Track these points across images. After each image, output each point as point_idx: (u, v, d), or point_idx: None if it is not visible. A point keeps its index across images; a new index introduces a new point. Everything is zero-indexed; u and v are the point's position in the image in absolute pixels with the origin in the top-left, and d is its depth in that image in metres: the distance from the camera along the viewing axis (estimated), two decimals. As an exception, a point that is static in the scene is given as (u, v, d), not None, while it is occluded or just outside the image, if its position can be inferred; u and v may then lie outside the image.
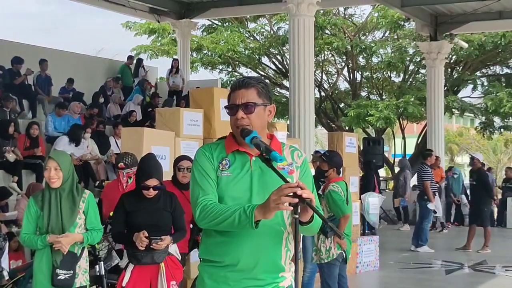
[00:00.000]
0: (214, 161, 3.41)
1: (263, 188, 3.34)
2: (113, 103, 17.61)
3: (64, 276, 5.44)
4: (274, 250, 3.36)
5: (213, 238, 3.37)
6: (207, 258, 3.40)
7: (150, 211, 5.93)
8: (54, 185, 5.49)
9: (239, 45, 26.44)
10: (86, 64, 19.49)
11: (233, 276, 3.32)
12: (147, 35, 26.85)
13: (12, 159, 12.13)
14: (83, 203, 5.58)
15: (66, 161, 5.50)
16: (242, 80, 3.48)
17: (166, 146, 8.08)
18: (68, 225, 5.48)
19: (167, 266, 6.04)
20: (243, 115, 3.36)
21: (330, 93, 28.33)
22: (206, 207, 3.27)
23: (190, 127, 8.57)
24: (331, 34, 26.02)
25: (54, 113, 14.42)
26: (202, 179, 3.37)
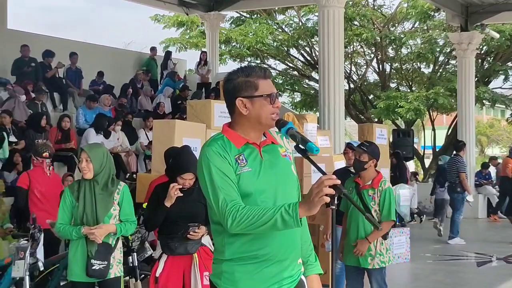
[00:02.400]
0: (231, 159, 3.28)
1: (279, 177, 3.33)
2: (144, 95, 17.71)
3: (98, 266, 5.49)
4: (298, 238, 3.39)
5: (242, 236, 3.27)
6: (237, 257, 3.30)
7: (185, 202, 5.94)
8: (86, 176, 5.56)
9: (268, 37, 26.42)
10: (115, 57, 19.62)
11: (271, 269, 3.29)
12: (176, 28, 26.97)
13: (44, 152, 12.24)
14: (118, 195, 5.63)
15: (98, 153, 5.54)
16: (267, 69, 3.46)
17: (197, 138, 8.09)
18: (102, 216, 5.53)
19: (200, 257, 6.06)
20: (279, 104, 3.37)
21: (359, 85, 28.22)
22: (239, 213, 3.14)
23: (221, 119, 8.56)
24: (360, 25, 25.88)
25: (85, 106, 14.53)
26: (224, 183, 3.22)
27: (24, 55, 15.12)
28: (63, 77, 16.12)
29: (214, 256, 3.45)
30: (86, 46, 18.60)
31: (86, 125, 13.93)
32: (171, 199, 5.84)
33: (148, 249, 6.85)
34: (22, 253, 5.59)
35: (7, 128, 11.98)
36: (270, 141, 3.42)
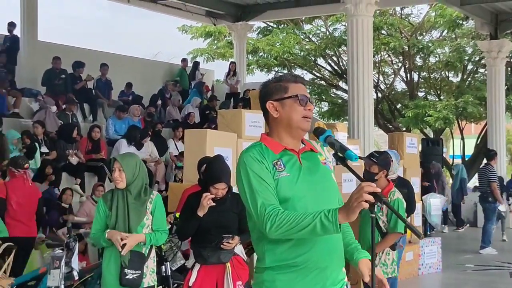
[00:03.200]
0: (268, 164, 3.28)
1: (317, 184, 3.33)
2: (172, 106, 17.80)
3: (132, 276, 5.49)
4: (341, 246, 3.38)
5: (283, 243, 3.26)
6: (280, 265, 3.28)
7: (218, 211, 5.94)
8: (119, 186, 5.57)
9: (295, 47, 26.44)
10: (143, 68, 19.76)
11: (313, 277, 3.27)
12: (203, 38, 27.07)
13: (75, 162, 12.36)
14: (150, 204, 5.63)
15: (131, 162, 5.53)
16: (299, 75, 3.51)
17: (228, 147, 8.11)
18: (134, 225, 5.53)
19: (233, 266, 6.05)
20: (313, 108, 3.37)
21: (386, 94, 28.11)
22: (278, 217, 3.13)
23: (251, 128, 8.59)
24: (388, 34, 25.80)
25: (115, 116, 14.63)
26: (262, 188, 3.22)
27: (55, 67, 15.27)
28: (93, 88, 16.25)
29: (256, 265, 3.44)
30: (115, 57, 18.75)
31: (115, 136, 14.03)
32: (203, 208, 5.84)
33: (181, 258, 6.86)
34: (58, 262, 5.62)
35: (39, 138, 12.10)
36: (309, 148, 3.42)
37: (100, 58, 17.31)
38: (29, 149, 11.63)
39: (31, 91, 15.03)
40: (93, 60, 16.57)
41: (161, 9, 19.91)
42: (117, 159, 5.56)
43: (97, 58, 17.09)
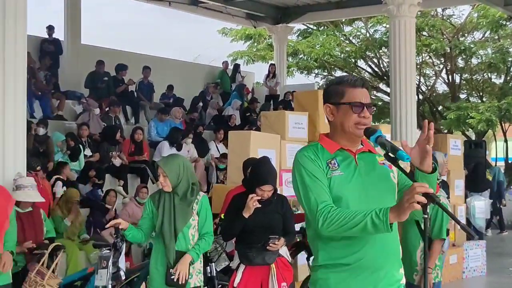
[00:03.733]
0: (322, 162, 3.32)
1: (373, 184, 3.32)
2: (211, 108, 17.88)
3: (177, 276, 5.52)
4: (397, 247, 3.37)
5: (336, 242, 3.28)
6: (332, 263, 3.31)
7: (263, 213, 5.96)
8: (165, 189, 5.59)
9: (335, 49, 26.35)
10: (185, 71, 19.87)
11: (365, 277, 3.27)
12: (243, 41, 27.14)
13: (118, 164, 12.47)
14: (196, 205, 5.63)
15: (174, 166, 5.52)
16: (361, 79, 3.48)
17: (271, 149, 8.13)
18: (181, 226, 5.55)
19: (277, 267, 6.07)
20: (368, 114, 3.34)
21: (428, 96, 27.85)
22: (330, 214, 3.17)
23: (295, 130, 8.61)
24: (429, 35, 25.56)
25: (157, 119, 14.74)
26: (314, 184, 3.27)
27: (98, 70, 15.46)
28: (135, 91, 16.40)
29: (312, 264, 3.48)
30: (156, 60, 18.89)
31: (158, 138, 14.13)
32: (249, 210, 5.86)
33: (226, 259, 6.89)
34: (105, 262, 5.68)
35: (83, 141, 12.25)
36: (367, 149, 3.41)
37: (142, 61, 17.47)
38: (74, 151, 11.79)
39: (74, 94, 15.23)
40: (135, 63, 16.73)
41: (201, 12, 20.00)
42: (160, 165, 5.58)
43: (139, 61, 17.25)
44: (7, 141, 6.80)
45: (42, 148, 11.48)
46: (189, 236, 5.59)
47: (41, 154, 11.36)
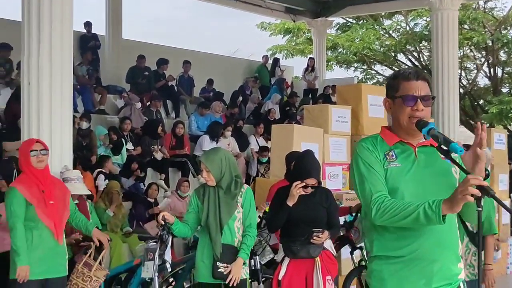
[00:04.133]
0: (379, 153, 3.36)
1: (432, 178, 3.31)
2: (251, 102, 17.92)
3: (224, 269, 5.55)
4: (454, 240, 3.34)
5: (390, 233, 3.30)
6: (385, 255, 3.33)
7: (307, 205, 5.98)
8: (209, 184, 5.64)
9: (375, 43, 26.21)
10: (224, 65, 19.92)
11: (419, 270, 3.26)
12: (282, 35, 27.12)
13: (159, 158, 12.55)
14: (241, 197, 5.67)
15: (216, 161, 5.55)
16: (417, 71, 3.45)
17: (315, 142, 8.13)
18: (225, 219, 5.58)
19: (322, 260, 6.06)
20: (423, 107, 3.33)
21: (469, 90, 27.55)
22: (383, 204, 3.20)
23: (338, 124, 8.60)
24: (471, 29, 25.27)
25: (197, 113, 14.82)
26: (370, 174, 3.31)
27: (139, 65, 15.58)
28: (175, 85, 16.50)
29: (368, 255, 3.51)
30: (196, 54, 18.98)
31: (198, 132, 14.20)
32: (293, 197, 5.88)
33: (270, 252, 6.91)
34: (151, 254, 5.73)
35: (125, 134, 12.36)
36: (430, 143, 3.38)
37: (182, 55, 17.58)
38: (116, 145, 11.90)
39: (116, 88, 15.38)
40: (175, 57, 16.84)
41: (240, 6, 20.02)
42: (202, 161, 5.62)
43: (179, 56, 17.36)
44: (54, 135, 6.90)
45: (85, 141, 11.60)
46: (235, 228, 5.63)
47: (84, 148, 11.50)
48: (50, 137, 6.78)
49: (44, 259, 5.63)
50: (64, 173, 6.80)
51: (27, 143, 5.91)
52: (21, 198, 5.57)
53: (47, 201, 5.63)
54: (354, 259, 7.29)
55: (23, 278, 5.49)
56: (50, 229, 5.64)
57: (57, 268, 5.76)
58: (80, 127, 11.58)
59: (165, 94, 15.76)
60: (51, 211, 5.64)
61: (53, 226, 5.64)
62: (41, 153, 5.73)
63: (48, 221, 5.62)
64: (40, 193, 5.63)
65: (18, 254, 5.51)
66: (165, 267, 5.83)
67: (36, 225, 5.60)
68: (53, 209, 5.66)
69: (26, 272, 5.50)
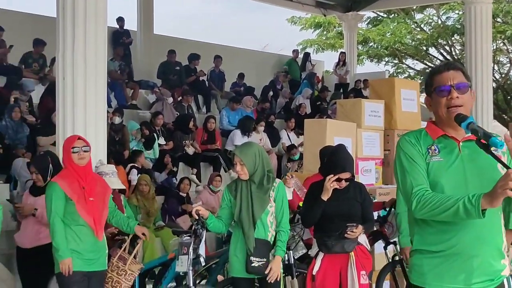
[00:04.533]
0: (421, 147, 3.37)
1: (476, 173, 3.29)
2: (282, 97, 17.90)
3: (257, 263, 5.55)
4: (496, 236, 3.30)
5: (431, 227, 3.30)
6: (425, 249, 3.34)
7: (341, 200, 5.97)
8: (242, 178, 5.65)
9: (406, 37, 26.05)
10: (254, 60, 19.94)
11: (458, 265, 3.25)
12: (313, 29, 27.05)
13: (191, 152, 12.62)
14: (273, 192, 5.67)
15: (250, 154, 5.57)
16: (449, 63, 3.48)
17: (348, 137, 8.10)
18: (258, 213, 5.59)
19: (357, 255, 6.04)
20: (457, 95, 3.32)
21: (502, 84, 27.26)
22: (423, 197, 3.21)
23: (371, 118, 8.56)
24: (503, 22, 25.00)
25: (228, 108, 14.85)
26: (411, 168, 3.32)
27: (170, 60, 15.65)
28: (206, 80, 16.55)
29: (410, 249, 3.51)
30: (226, 49, 18.99)
31: (229, 126, 14.24)
32: (327, 192, 5.87)
33: (303, 247, 6.90)
34: (186, 248, 5.76)
35: (157, 129, 12.43)
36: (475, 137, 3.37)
37: (212, 50, 17.62)
38: (148, 140, 11.97)
39: (147, 83, 15.47)
40: (206, 52, 16.87)
41: (271, 0, 20.02)
42: (236, 154, 5.63)
43: (210, 50, 17.40)
44: (88, 129, 6.96)
45: (117, 136, 11.69)
46: (268, 223, 5.65)
47: (116, 143, 11.59)
48: (85, 132, 6.84)
49: (85, 253, 5.70)
50: (99, 167, 6.86)
51: (69, 140, 5.98)
52: (61, 193, 5.64)
53: (87, 198, 5.69)
54: (387, 254, 7.25)
55: (67, 270, 5.58)
56: (90, 225, 5.70)
57: (99, 261, 5.83)
58: (113, 122, 11.66)
59: (196, 89, 15.84)
60: (91, 207, 5.70)
61: (93, 223, 5.70)
62: (82, 149, 5.79)
63: (88, 217, 5.68)
64: (80, 189, 5.69)
65: (58, 249, 5.59)
66: (199, 261, 5.86)
67: (76, 221, 5.67)
68: (93, 206, 5.72)
69: (68, 265, 5.58)
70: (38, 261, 6.40)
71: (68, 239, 5.64)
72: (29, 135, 10.87)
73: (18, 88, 11.92)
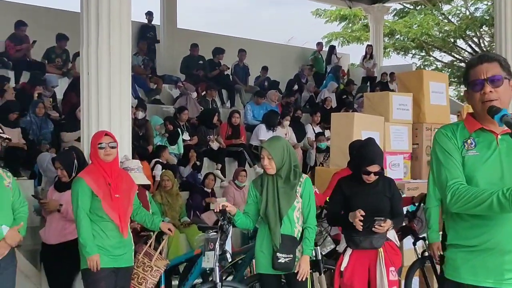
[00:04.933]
0: (457, 141, 3.36)
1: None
2: (307, 91, 17.85)
3: (284, 259, 5.55)
4: None
5: (465, 221, 3.31)
6: (460, 243, 3.34)
7: (369, 195, 5.94)
8: (269, 172, 5.64)
9: (433, 28, 25.90)
10: (278, 53, 19.92)
11: (491, 260, 3.24)
12: (338, 22, 26.98)
13: (215, 147, 12.61)
14: (300, 187, 5.66)
15: (279, 148, 5.58)
16: (483, 55, 3.44)
17: (375, 131, 8.07)
18: (285, 209, 5.59)
19: (385, 251, 6.02)
20: (490, 89, 3.29)
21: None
22: (458, 191, 3.21)
23: (399, 112, 8.51)
24: (534, 12, 24.73)
25: (253, 102, 14.83)
26: (447, 161, 3.33)
27: (193, 54, 15.67)
28: (230, 74, 16.55)
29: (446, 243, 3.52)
30: (249, 43, 18.97)
31: (254, 121, 14.22)
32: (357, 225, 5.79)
33: (331, 242, 6.88)
34: (212, 244, 5.75)
35: (181, 124, 12.45)
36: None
37: (236, 44, 17.63)
38: (172, 135, 11.99)
39: (171, 78, 15.51)
40: (229, 46, 16.87)
41: (295, -7, 20.01)
42: (264, 147, 5.63)
43: (234, 44, 17.41)
44: (113, 125, 6.98)
45: (141, 131, 11.73)
46: (294, 218, 5.64)
47: (140, 138, 11.63)
48: (110, 127, 6.86)
49: (111, 249, 5.73)
50: (124, 162, 6.89)
51: (97, 136, 6.00)
52: (87, 189, 5.67)
53: (113, 195, 5.72)
54: (417, 249, 7.20)
55: (95, 266, 5.60)
56: (115, 222, 5.72)
57: (125, 257, 5.86)
58: (136, 117, 11.69)
59: (220, 83, 15.83)
60: (116, 204, 5.72)
61: (118, 220, 5.72)
62: (109, 146, 5.81)
63: (113, 214, 5.70)
64: (106, 185, 5.72)
65: (85, 246, 5.62)
66: (225, 257, 5.85)
67: (101, 217, 5.70)
68: (118, 203, 5.74)
69: (96, 261, 5.61)
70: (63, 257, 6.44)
71: (94, 235, 5.67)
72: (53, 131, 10.95)
73: (42, 83, 12.02)
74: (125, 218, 5.82)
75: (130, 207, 5.91)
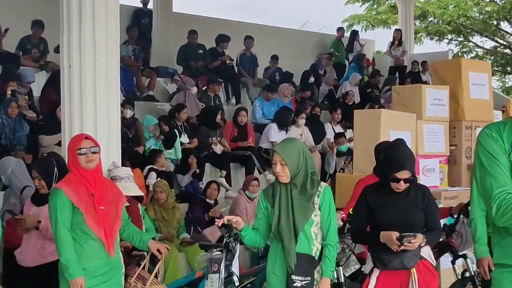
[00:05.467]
0: (504, 142, 3.33)
1: None
2: (325, 84, 17.77)
3: (300, 283, 5.50)
4: None
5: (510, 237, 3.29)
6: (507, 263, 3.33)
7: (399, 206, 5.91)
8: (282, 180, 5.57)
9: (472, 9, 25.84)
10: (292, 40, 19.94)
11: None
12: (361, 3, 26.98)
13: (219, 151, 12.55)
14: (318, 198, 5.60)
15: (293, 152, 5.50)
16: None
17: (406, 130, 8.06)
18: (301, 224, 5.52)
19: (419, 272, 5.99)
20: None
21: None
22: (505, 201, 3.19)
23: (433, 107, 8.51)
24: None
25: (262, 97, 14.80)
26: (492, 166, 3.30)
27: (191, 42, 15.64)
28: (235, 65, 16.51)
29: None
30: (259, 29, 18.99)
31: (263, 120, 14.19)
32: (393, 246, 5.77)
33: (355, 262, 6.88)
34: (216, 265, 5.75)
35: (178, 125, 12.38)
36: None
37: (241, 30, 17.62)
38: (168, 138, 11.94)
39: (166, 70, 15.46)
40: (235, 32, 16.83)
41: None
42: (276, 151, 5.57)
43: (240, 31, 17.39)
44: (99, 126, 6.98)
45: (131, 133, 11.66)
46: (312, 235, 5.59)
47: (130, 140, 11.58)
48: (95, 129, 6.88)
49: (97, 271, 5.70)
50: (112, 170, 6.88)
51: (75, 139, 5.97)
52: (67, 201, 5.63)
53: (97, 206, 5.68)
54: (456, 269, 7.20)
55: None
56: (100, 238, 5.68)
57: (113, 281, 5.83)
58: (124, 116, 11.50)
59: (223, 76, 15.75)
60: (101, 217, 5.67)
61: (103, 236, 5.67)
62: (90, 151, 5.77)
63: (98, 229, 5.65)
64: (89, 196, 5.68)
65: (67, 267, 5.56)
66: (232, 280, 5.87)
67: (85, 233, 5.66)
68: (104, 216, 5.69)
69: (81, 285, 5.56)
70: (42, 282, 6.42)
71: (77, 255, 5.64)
72: (29, 134, 10.91)
73: (16, 78, 11.98)
74: (112, 234, 5.76)
75: (118, 221, 5.86)
